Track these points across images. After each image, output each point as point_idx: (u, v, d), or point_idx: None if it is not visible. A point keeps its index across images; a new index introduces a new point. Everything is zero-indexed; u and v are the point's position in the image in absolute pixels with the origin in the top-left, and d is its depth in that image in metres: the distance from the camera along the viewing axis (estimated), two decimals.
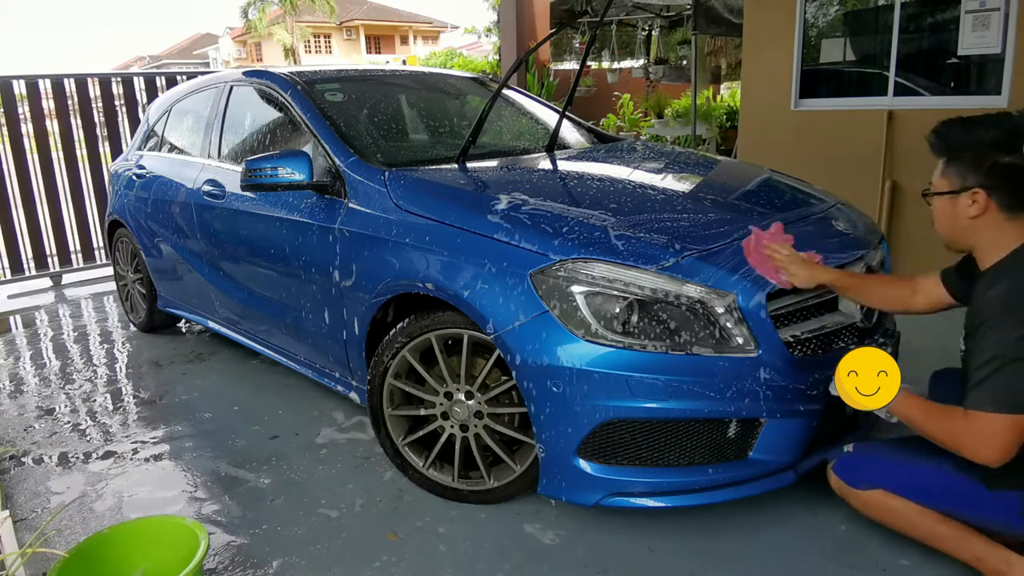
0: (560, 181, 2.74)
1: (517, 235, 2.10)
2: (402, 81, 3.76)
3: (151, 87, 6.27)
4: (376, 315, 2.46)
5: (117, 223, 4.31)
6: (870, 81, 5.08)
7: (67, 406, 3.34)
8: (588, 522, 2.22)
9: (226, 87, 3.54)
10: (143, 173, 4.03)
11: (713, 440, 1.99)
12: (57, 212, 5.90)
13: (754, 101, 5.62)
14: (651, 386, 1.91)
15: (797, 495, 2.28)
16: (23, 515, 2.41)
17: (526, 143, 3.44)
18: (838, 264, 2.19)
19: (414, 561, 2.08)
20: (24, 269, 5.81)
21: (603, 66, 13.79)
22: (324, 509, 2.36)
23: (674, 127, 10.01)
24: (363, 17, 40.32)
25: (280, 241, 2.86)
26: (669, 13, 11.59)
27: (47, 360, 4.03)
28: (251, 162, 2.61)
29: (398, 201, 2.41)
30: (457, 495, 2.35)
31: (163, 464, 2.74)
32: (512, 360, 2.04)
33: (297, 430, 2.94)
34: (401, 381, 2.39)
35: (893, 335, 2.47)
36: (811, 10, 5.38)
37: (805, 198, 2.60)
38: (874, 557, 2.02)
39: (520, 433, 2.20)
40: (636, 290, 1.95)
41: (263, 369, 3.63)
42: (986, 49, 4.37)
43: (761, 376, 1.94)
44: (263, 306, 3.12)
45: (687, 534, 2.15)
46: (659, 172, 2.89)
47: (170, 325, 4.39)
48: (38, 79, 5.69)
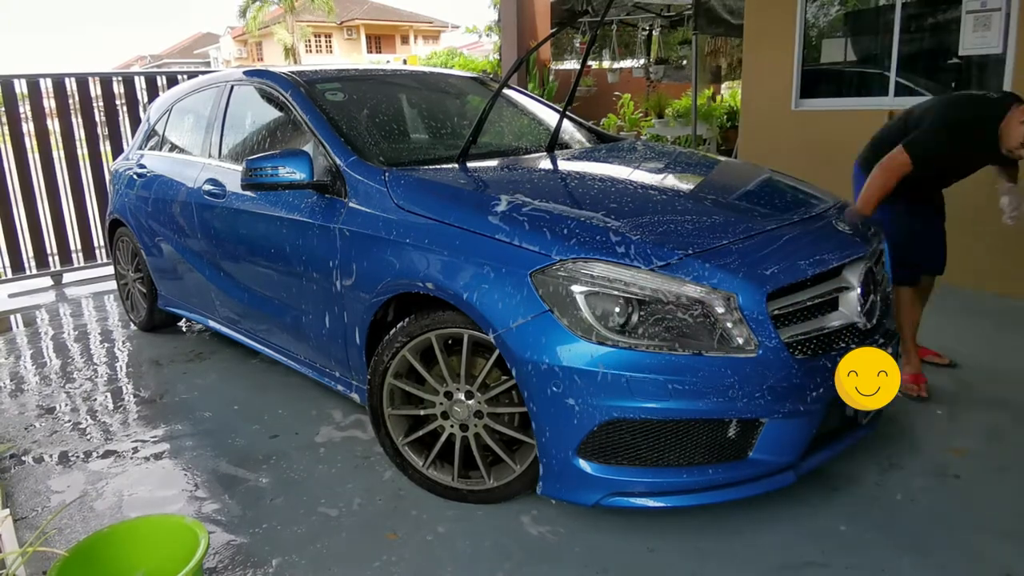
0: (560, 181, 2.74)
1: (517, 235, 2.10)
2: (403, 81, 3.76)
3: (152, 86, 6.27)
4: (376, 314, 2.47)
5: (118, 222, 4.31)
6: (871, 81, 5.08)
7: (67, 405, 3.34)
8: (588, 522, 2.23)
9: (227, 86, 3.54)
10: (144, 172, 4.03)
11: (713, 440, 1.99)
12: (58, 211, 5.90)
13: (755, 101, 5.62)
14: (651, 386, 1.91)
15: (797, 495, 2.28)
16: (23, 514, 2.41)
17: (527, 143, 3.43)
18: (837, 264, 2.19)
19: (414, 560, 2.09)
20: (25, 268, 5.81)
21: (604, 66, 13.79)
22: (324, 508, 2.37)
23: (674, 127, 10.01)
24: (364, 16, 40.32)
25: (280, 241, 2.86)
26: (670, 13, 11.59)
27: (48, 359, 4.03)
28: (252, 161, 2.61)
29: (398, 201, 2.41)
30: (457, 495, 2.35)
31: (163, 463, 2.74)
32: (512, 360, 2.04)
33: (297, 429, 2.94)
34: (401, 380, 2.39)
35: (893, 335, 2.47)
36: (812, 10, 5.38)
37: (806, 198, 2.60)
38: (874, 557, 2.02)
39: (520, 433, 2.20)
40: (636, 290, 1.95)
41: (263, 368, 3.64)
42: (987, 49, 4.37)
43: (761, 376, 1.94)
44: (263, 305, 3.12)
45: (687, 534, 2.15)
46: (660, 172, 2.89)
47: (170, 324, 4.39)
48: (39, 78, 5.68)
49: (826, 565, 2.00)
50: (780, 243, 2.17)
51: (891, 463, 2.51)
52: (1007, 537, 2.09)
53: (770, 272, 2.02)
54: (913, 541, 2.09)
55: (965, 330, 3.83)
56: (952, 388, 3.09)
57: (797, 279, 2.07)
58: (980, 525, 2.16)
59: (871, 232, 2.52)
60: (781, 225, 2.27)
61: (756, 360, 1.94)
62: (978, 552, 2.04)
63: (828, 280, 2.19)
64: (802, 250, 2.16)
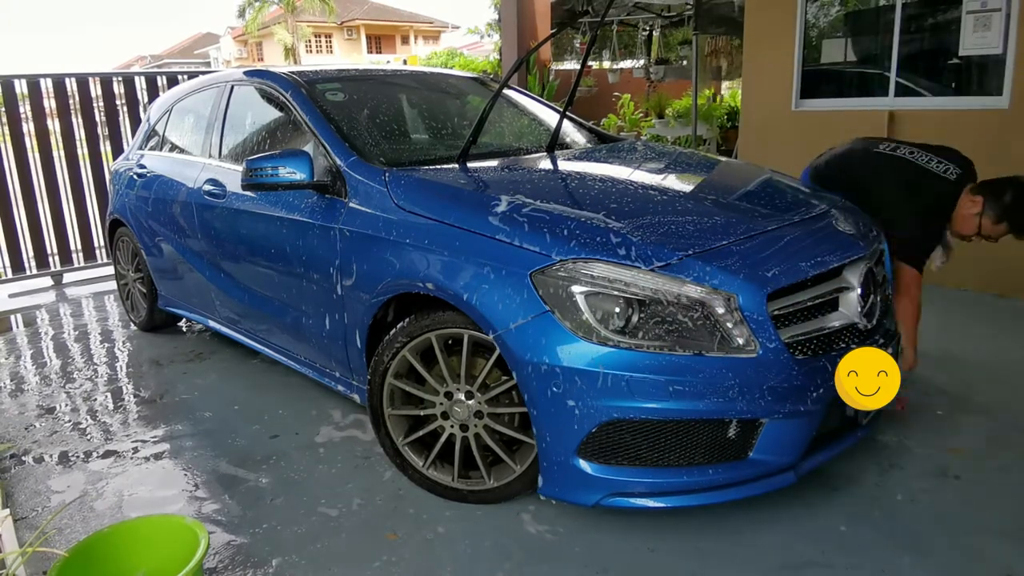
0: (561, 181, 2.74)
1: (518, 235, 2.10)
2: (403, 81, 3.76)
3: (152, 86, 6.27)
4: (376, 315, 2.47)
5: (118, 222, 4.31)
6: (871, 82, 5.08)
7: (68, 405, 3.34)
8: (588, 522, 2.23)
9: (227, 87, 3.54)
10: (144, 172, 4.03)
11: (713, 440, 1.99)
12: (58, 211, 5.90)
13: (755, 101, 5.62)
14: (651, 386, 1.91)
15: (797, 495, 2.28)
16: (23, 514, 2.41)
17: (527, 143, 3.43)
18: (837, 264, 2.19)
19: (413, 560, 2.09)
20: (25, 268, 5.81)
21: (604, 66, 13.78)
22: (324, 508, 2.37)
23: (675, 127, 10.00)
24: (364, 17, 40.32)
25: (281, 241, 2.86)
26: (670, 13, 11.58)
27: (48, 359, 4.03)
28: (252, 161, 2.61)
29: (399, 201, 2.41)
30: (457, 495, 2.35)
31: (163, 463, 2.74)
32: (512, 360, 2.04)
33: (297, 429, 2.94)
34: (401, 381, 2.39)
35: (893, 335, 2.47)
36: (812, 10, 5.38)
37: (806, 198, 2.60)
38: (874, 557, 2.02)
39: (520, 433, 2.20)
40: (636, 290, 1.95)
41: (263, 368, 3.64)
42: (987, 50, 4.37)
43: (761, 377, 1.94)
44: (263, 305, 3.12)
45: (687, 534, 2.15)
46: (660, 172, 2.89)
47: (170, 324, 4.39)
48: (39, 78, 5.68)
49: (826, 565, 2.00)
50: (780, 244, 2.17)
51: (891, 463, 2.51)
52: (1007, 537, 2.09)
53: (771, 273, 2.03)
54: (913, 541, 2.09)
55: (966, 331, 3.83)
56: (952, 389, 3.09)
57: (797, 280, 2.07)
58: (980, 525, 2.16)
59: (871, 232, 2.52)
60: (781, 225, 2.27)
61: (756, 360, 1.94)
62: (978, 552, 2.04)
63: (828, 280, 2.19)
64: (802, 251, 2.17)
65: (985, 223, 2.76)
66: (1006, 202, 2.72)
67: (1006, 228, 2.77)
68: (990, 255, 4.24)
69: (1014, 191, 2.72)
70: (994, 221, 2.75)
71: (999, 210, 2.73)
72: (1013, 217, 2.73)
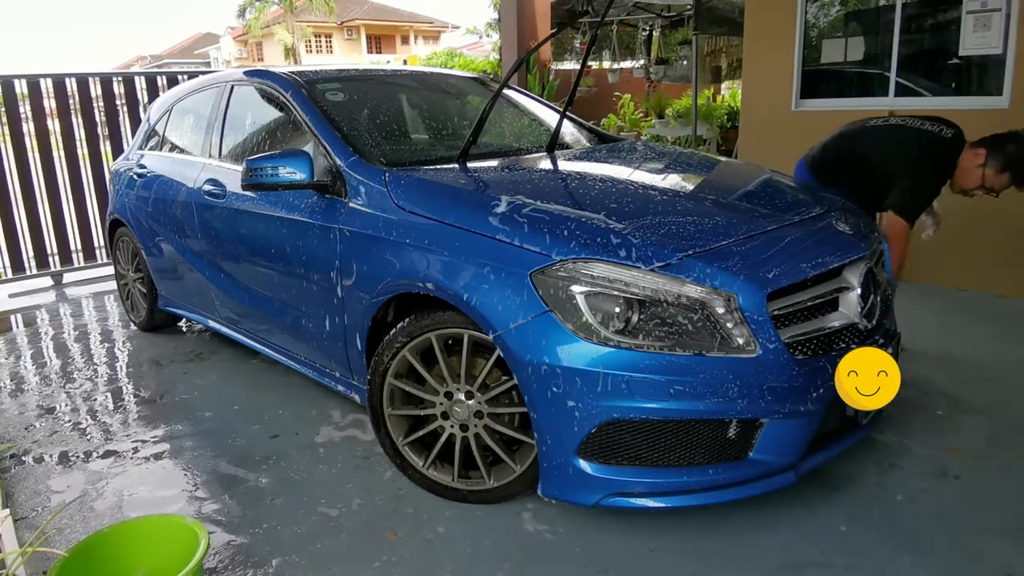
0: (561, 181, 2.74)
1: (518, 235, 2.10)
2: (403, 81, 3.76)
3: (152, 86, 6.27)
4: (376, 315, 2.47)
5: (118, 222, 4.31)
6: (871, 81, 5.08)
7: (68, 405, 3.34)
8: (588, 522, 2.23)
9: (227, 87, 3.54)
10: (144, 172, 4.03)
11: (713, 440, 1.99)
12: (58, 211, 5.90)
13: (755, 101, 5.62)
14: (651, 386, 1.91)
15: (797, 495, 2.28)
16: (23, 514, 2.41)
17: (527, 143, 3.43)
18: (838, 264, 2.19)
19: (413, 560, 2.09)
20: (25, 268, 5.81)
21: (604, 66, 13.77)
22: (324, 508, 2.37)
23: (675, 127, 10.00)
24: (364, 17, 40.32)
25: (280, 241, 2.86)
26: (670, 13, 11.58)
27: (48, 359, 4.03)
28: (252, 161, 2.61)
29: (399, 201, 2.41)
30: (457, 495, 2.35)
31: (163, 463, 2.74)
32: (512, 360, 2.04)
33: (297, 429, 2.94)
34: (401, 381, 2.39)
35: (893, 335, 2.47)
36: (812, 10, 5.38)
37: (806, 198, 2.60)
38: (874, 557, 2.02)
39: (520, 433, 2.20)
40: (636, 290, 1.95)
41: (263, 368, 3.64)
42: (987, 50, 4.37)
43: (762, 377, 1.94)
44: (263, 305, 3.12)
45: (687, 534, 2.15)
46: (660, 172, 2.89)
47: (171, 324, 4.39)
48: (39, 78, 5.68)
49: (826, 565, 2.00)
50: (781, 244, 2.17)
51: (891, 463, 2.51)
52: (1007, 537, 2.09)
53: (771, 273, 2.03)
54: (913, 541, 2.09)
55: (966, 331, 3.83)
56: (952, 389, 3.09)
57: (797, 280, 2.07)
58: (980, 525, 2.16)
59: (871, 233, 2.52)
60: (781, 226, 2.27)
61: (756, 360, 1.94)
62: (978, 552, 2.04)
63: (828, 280, 2.19)
64: (802, 251, 2.17)
65: (988, 174, 2.88)
66: (1009, 152, 2.85)
67: (1009, 179, 2.88)
68: (991, 255, 4.24)
69: (1016, 143, 2.85)
70: (997, 171, 2.87)
71: (1002, 160, 2.85)
72: (1016, 166, 2.85)
